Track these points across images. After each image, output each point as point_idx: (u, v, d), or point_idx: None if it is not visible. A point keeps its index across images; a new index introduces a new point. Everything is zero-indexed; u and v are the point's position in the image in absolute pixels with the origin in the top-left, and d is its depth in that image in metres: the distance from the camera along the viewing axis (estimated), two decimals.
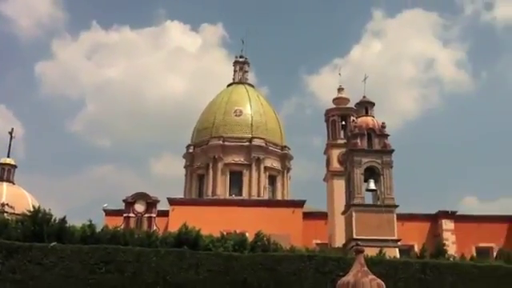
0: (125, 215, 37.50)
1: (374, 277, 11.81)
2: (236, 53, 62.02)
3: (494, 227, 42.63)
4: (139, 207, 37.73)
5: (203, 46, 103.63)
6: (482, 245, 41.45)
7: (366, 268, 12.04)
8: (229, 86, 59.69)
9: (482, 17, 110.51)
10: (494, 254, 35.35)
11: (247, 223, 34.49)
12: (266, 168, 53.42)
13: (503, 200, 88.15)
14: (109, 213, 41.26)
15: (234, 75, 60.43)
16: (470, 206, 77.82)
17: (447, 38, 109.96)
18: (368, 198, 34.26)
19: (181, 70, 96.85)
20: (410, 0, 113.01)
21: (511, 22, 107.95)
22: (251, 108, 55.72)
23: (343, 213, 34.80)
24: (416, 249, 36.46)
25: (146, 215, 37.54)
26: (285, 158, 55.81)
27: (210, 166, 52.85)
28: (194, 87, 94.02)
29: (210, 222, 32.80)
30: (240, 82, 59.33)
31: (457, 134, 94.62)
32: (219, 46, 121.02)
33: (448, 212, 43.07)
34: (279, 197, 53.55)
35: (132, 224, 36.32)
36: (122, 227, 31.80)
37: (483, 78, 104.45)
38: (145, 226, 35.95)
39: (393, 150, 33.92)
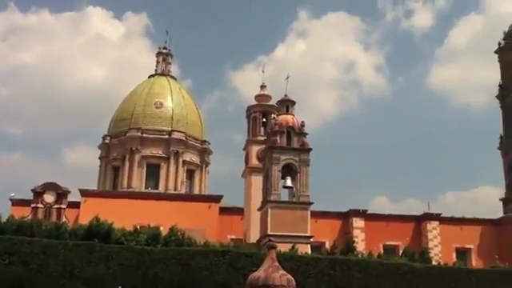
0: (33, 206, 35.91)
1: (284, 272, 11.91)
2: (160, 44, 61.16)
3: (401, 226, 44.57)
4: (48, 198, 36.26)
5: (126, 34, 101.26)
6: (389, 243, 43.19)
7: (277, 263, 12.11)
8: (150, 77, 58.58)
9: (402, 24, 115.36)
10: (400, 251, 36.90)
11: (162, 217, 34.03)
12: (184, 162, 52.94)
13: (411, 201, 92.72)
14: (15, 203, 39.38)
15: (157, 66, 59.38)
16: (381, 205, 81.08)
17: (368, 42, 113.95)
18: (284, 195, 34.74)
19: (101, 58, 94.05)
20: (334, 3, 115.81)
21: (428, 31, 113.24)
22: (172, 101, 54.98)
23: (259, 209, 35.10)
24: (327, 245, 37.54)
25: (56, 206, 36.14)
26: (204, 153, 55.59)
27: (127, 157, 51.66)
28: (113, 76, 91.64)
29: (124, 215, 32.20)
30: (162, 74, 58.38)
31: (372, 136, 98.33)
32: (142, 36, 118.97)
33: (359, 210, 44.52)
34: (197, 191, 53.29)
35: (40, 215, 34.83)
36: (29, 218, 30.40)
37: (399, 83, 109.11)
38: (54, 218, 34.67)
39: (311, 149, 34.59)
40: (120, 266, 21.42)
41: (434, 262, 33.11)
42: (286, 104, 36.47)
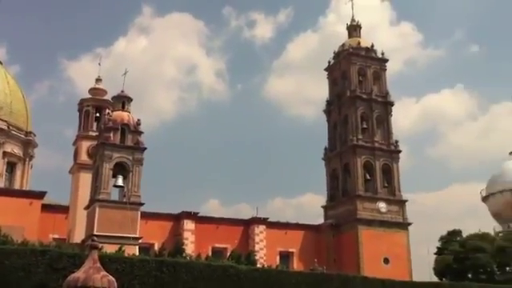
0: None
1: (105, 273, 11.29)
2: None
3: (231, 229, 45.61)
4: None
5: None
6: (218, 245, 43.89)
7: (98, 264, 11.46)
8: None
9: (244, 33, 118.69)
10: (228, 254, 37.65)
11: None
12: (5, 153, 48.63)
13: (242, 205, 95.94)
14: None
15: None
16: (213, 208, 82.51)
17: (210, 47, 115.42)
18: (114, 195, 33.59)
19: None
20: (180, 2, 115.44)
21: (268, 42, 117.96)
22: None
23: (86, 208, 33.49)
24: (156, 247, 37.03)
25: None
26: (28, 145, 51.56)
27: None
28: None
29: None
30: None
31: (208, 140, 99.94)
32: None
33: (191, 213, 44.59)
34: (18, 186, 49.23)
35: None
36: None
37: (238, 90, 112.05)
38: None
39: (145, 148, 33.90)
40: None
41: (258, 265, 34.37)
42: (123, 100, 35.41)
